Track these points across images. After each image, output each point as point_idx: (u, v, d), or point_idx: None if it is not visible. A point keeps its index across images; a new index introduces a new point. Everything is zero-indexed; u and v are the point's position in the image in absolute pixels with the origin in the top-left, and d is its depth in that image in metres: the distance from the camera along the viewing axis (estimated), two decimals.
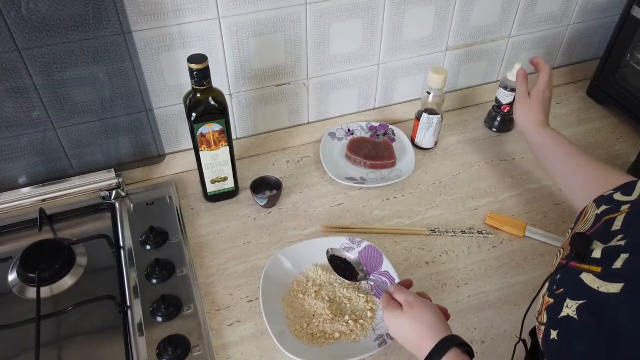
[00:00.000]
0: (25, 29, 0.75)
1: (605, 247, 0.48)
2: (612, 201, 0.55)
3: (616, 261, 0.45)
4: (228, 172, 0.92)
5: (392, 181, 0.99)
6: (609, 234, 0.50)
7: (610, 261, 0.46)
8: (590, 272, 0.47)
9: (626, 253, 0.45)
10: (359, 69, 1.04)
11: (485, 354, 0.74)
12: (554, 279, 0.53)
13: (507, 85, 1.06)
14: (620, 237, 0.48)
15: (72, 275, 0.83)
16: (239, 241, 0.89)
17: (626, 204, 0.53)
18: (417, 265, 0.85)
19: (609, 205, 0.55)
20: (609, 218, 0.53)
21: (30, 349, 0.71)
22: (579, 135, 1.11)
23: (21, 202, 0.92)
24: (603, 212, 0.55)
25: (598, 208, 0.57)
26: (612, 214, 0.53)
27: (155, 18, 0.82)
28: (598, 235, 0.52)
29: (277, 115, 1.05)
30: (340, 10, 0.93)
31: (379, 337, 0.74)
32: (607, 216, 0.53)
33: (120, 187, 0.94)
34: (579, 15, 1.16)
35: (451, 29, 1.06)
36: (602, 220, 0.54)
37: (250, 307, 0.79)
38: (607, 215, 0.53)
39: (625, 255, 0.45)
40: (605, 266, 0.46)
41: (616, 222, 0.51)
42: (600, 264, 0.47)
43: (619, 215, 0.52)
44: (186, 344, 0.72)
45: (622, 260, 0.45)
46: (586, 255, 0.49)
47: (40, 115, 0.86)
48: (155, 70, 0.89)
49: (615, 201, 0.55)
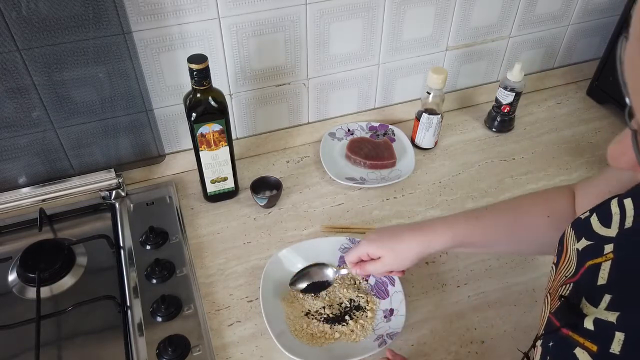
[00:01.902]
0: (26, 29, 0.75)
1: (597, 319, 0.44)
2: (591, 233, 0.51)
3: (613, 343, 0.42)
4: (228, 172, 0.92)
5: (392, 181, 0.99)
6: (596, 289, 0.47)
7: (607, 341, 0.42)
8: (585, 348, 0.44)
9: (622, 333, 0.41)
10: (359, 69, 1.04)
11: (486, 354, 0.74)
12: (547, 347, 0.50)
13: (507, 85, 1.06)
14: (609, 301, 0.45)
15: (72, 275, 0.83)
16: (239, 241, 0.89)
17: (609, 243, 0.48)
18: (417, 265, 0.85)
19: (589, 241, 0.51)
20: (593, 264, 0.49)
21: (30, 349, 0.71)
22: (578, 136, 1.11)
23: (21, 202, 0.92)
24: (585, 250, 0.51)
25: (578, 240, 0.52)
26: (596, 259, 0.49)
27: (156, 18, 0.82)
28: (584, 288, 0.49)
29: (277, 116, 1.05)
30: (340, 11, 0.93)
31: (379, 337, 0.74)
32: (591, 261, 0.49)
33: (121, 187, 0.94)
34: (579, 16, 1.16)
35: (451, 29, 1.06)
36: (585, 266, 0.50)
37: (250, 307, 0.79)
38: (590, 260, 0.49)
39: (621, 336, 0.41)
40: (601, 346, 0.43)
41: (602, 272, 0.47)
42: (595, 341, 0.44)
43: (604, 262, 0.48)
44: (186, 344, 0.72)
45: (619, 345, 0.41)
46: (578, 323, 0.46)
47: (40, 115, 0.86)
48: (155, 71, 0.89)
49: (596, 235, 0.50)
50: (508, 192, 0.98)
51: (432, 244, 0.68)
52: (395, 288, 0.79)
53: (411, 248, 0.69)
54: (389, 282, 0.80)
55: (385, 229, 0.73)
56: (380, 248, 0.70)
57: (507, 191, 0.99)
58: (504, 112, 1.09)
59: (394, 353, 0.70)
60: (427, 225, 0.70)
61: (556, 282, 0.54)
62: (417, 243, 0.69)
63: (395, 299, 0.78)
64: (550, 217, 0.67)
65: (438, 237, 0.68)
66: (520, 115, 1.15)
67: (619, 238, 0.48)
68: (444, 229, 0.69)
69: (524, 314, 0.79)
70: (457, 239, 0.68)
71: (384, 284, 0.81)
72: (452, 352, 0.74)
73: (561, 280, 0.53)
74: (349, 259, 0.74)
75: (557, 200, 0.68)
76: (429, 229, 0.70)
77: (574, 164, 1.04)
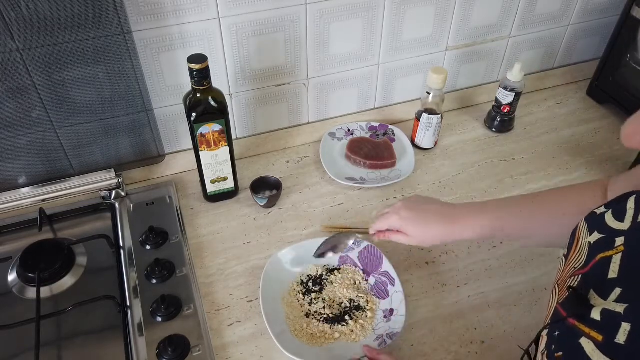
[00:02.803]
0: (26, 29, 0.75)
1: (604, 309, 0.44)
2: (604, 226, 0.52)
3: (619, 334, 0.42)
4: (228, 172, 0.92)
5: (392, 181, 0.99)
6: (606, 283, 0.47)
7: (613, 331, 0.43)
8: (590, 338, 0.45)
9: (628, 323, 0.42)
10: (359, 69, 1.04)
11: (486, 354, 0.74)
12: (553, 336, 0.50)
13: (507, 85, 1.06)
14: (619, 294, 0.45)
15: (72, 275, 0.83)
16: (239, 241, 0.89)
17: (620, 236, 0.49)
18: (417, 266, 0.86)
19: (602, 235, 0.51)
20: (604, 257, 0.49)
21: (30, 349, 0.71)
22: (578, 136, 1.11)
23: (21, 202, 0.92)
24: (596, 243, 0.51)
25: (591, 234, 0.53)
26: (607, 252, 0.49)
27: (155, 18, 0.82)
28: (594, 280, 0.49)
29: (277, 116, 1.05)
30: (340, 11, 0.93)
31: (379, 337, 0.74)
32: (602, 254, 0.50)
33: (120, 187, 0.94)
34: (579, 16, 1.16)
35: (451, 29, 1.06)
36: (596, 259, 0.50)
37: (250, 307, 0.79)
38: (601, 253, 0.50)
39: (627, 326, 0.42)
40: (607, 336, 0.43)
41: (612, 265, 0.47)
42: (601, 331, 0.44)
43: (615, 254, 0.48)
44: (186, 344, 0.72)
45: (625, 335, 0.42)
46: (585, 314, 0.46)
47: (40, 115, 0.86)
48: (155, 71, 0.89)
49: (608, 228, 0.51)
50: (508, 192, 0.98)
51: (461, 234, 0.71)
52: (395, 288, 0.79)
53: (438, 237, 0.72)
54: (389, 282, 0.80)
55: (416, 205, 0.75)
56: (411, 226, 0.73)
57: (507, 191, 0.99)
58: (504, 112, 1.09)
59: (371, 349, 0.70)
60: (459, 216, 0.72)
61: (565, 273, 0.55)
62: (446, 233, 0.71)
63: (395, 299, 0.78)
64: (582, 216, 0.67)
65: (467, 230, 0.71)
66: (520, 115, 1.15)
67: (631, 231, 0.48)
68: (475, 222, 0.70)
69: (524, 314, 0.79)
70: (486, 232, 0.70)
71: (384, 284, 0.81)
72: (452, 352, 0.74)
73: (570, 271, 0.54)
74: (377, 227, 0.77)
75: (590, 196, 0.68)
76: (460, 221, 0.71)
77: (574, 164, 1.04)
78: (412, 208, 0.75)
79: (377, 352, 0.69)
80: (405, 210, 0.75)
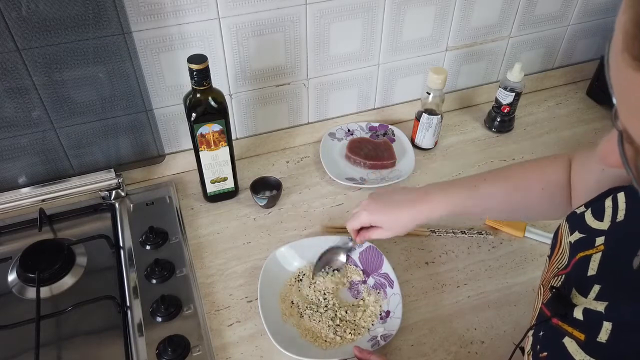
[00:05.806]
0: (26, 29, 0.75)
1: (586, 309, 0.45)
2: (584, 226, 0.52)
3: (601, 332, 0.43)
4: (228, 172, 0.92)
5: (392, 182, 0.99)
6: (586, 280, 0.48)
7: (595, 330, 0.43)
8: (573, 337, 0.45)
9: (609, 322, 0.42)
10: (359, 69, 1.04)
11: (486, 355, 0.74)
12: (538, 336, 0.51)
13: (507, 85, 1.06)
14: (598, 291, 0.46)
15: (72, 275, 0.83)
16: (239, 241, 0.89)
17: (601, 236, 0.49)
18: (417, 266, 0.86)
19: (582, 234, 0.52)
20: (584, 256, 0.50)
21: (30, 349, 0.71)
22: (578, 136, 1.11)
23: (21, 202, 0.92)
24: (577, 243, 0.52)
25: (572, 234, 0.53)
26: (587, 251, 0.50)
27: (155, 18, 0.82)
28: (575, 279, 0.50)
29: (277, 116, 1.05)
30: (340, 11, 0.94)
31: (372, 338, 0.74)
32: (582, 253, 0.50)
33: (120, 187, 0.94)
34: (579, 16, 1.16)
35: (451, 29, 1.06)
36: (577, 257, 0.51)
37: (250, 307, 0.79)
38: (581, 252, 0.50)
39: (609, 325, 0.42)
40: (589, 335, 0.44)
41: (592, 263, 0.48)
42: (584, 331, 0.45)
43: (594, 253, 0.49)
44: (186, 345, 0.72)
45: (606, 334, 0.42)
46: (568, 313, 0.47)
47: (40, 115, 0.86)
48: (155, 71, 0.89)
49: (588, 228, 0.51)
50: None
51: (430, 214, 0.71)
52: (393, 290, 0.79)
53: (410, 220, 0.73)
54: (388, 284, 0.80)
55: (382, 197, 0.76)
56: (381, 218, 0.74)
57: None
58: (504, 113, 1.09)
59: (361, 350, 0.70)
60: (425, 196, 0.72)
61: (549, 273, 0.55)
62: (416, 214, 0.72)
63: (392, 301, 0.78)
64: (544, 189, 0.68)
65: (435, 208, 0.71)
66: (520, 115, 1.15)
67: (610, 231, 0.49)
68: (442, 200, 0.71)
69: (524, 314, 0.79)
70: (454, 208, 0.71)
71: (382, 285, 0.81)
72: (452, 352, 0.74)
73: (554, 271, 0.54)
74: (351, 226, 0.78)
75: (552, 170, 0.69)
76: (427, 200, 0.72)
77: None
78: (378, 200, 0.75)
79: (368, 352, 0.69)
80: (372, 204, 0.75)
